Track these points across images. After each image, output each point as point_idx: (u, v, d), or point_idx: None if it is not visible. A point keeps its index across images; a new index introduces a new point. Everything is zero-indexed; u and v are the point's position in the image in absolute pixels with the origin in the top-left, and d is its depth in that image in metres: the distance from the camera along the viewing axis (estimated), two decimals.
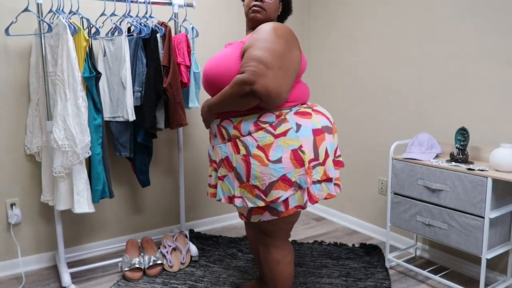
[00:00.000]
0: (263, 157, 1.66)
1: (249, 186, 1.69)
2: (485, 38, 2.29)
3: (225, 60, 1.72)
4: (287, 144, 1.67)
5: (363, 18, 2.99)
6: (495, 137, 2.29)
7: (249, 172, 1.68)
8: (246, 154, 1.69)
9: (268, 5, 1.81)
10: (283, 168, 1.66)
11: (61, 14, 2.17)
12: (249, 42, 1.68)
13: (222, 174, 1.79)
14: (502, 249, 2.16)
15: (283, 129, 1.68)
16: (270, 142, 1.67)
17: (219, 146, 1.78)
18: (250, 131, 1.70)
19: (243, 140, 1.70)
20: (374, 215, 3.06)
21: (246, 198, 1.71)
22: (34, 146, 2.43)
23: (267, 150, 1.66)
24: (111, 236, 2.84)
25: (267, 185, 1.66)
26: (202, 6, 3.00)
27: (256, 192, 1.68)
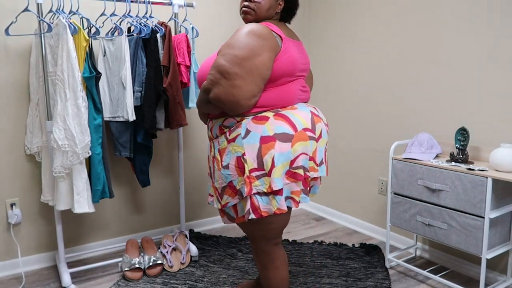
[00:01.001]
0: (219, 161, 1.70)
1: (214, 187, 1.77)
2: (486, 38, 2.29)
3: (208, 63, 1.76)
4: (235, 151, 1.64)
5: (364, 18, 2.99)
6: (495, 137, 2.29)
7: (214, 173, 1.76)
8: (213, 155, 1.75)
9: (258, 5, 1.73)
10: (230, 174, 1.66)
11: (61, 14, 2.18)
12: (221, 46, 1.66)
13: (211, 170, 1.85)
14: (502, 249, 2.16)
15: (234, 134, 1.66)
16: (224, 147, 1.68)
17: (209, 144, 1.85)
18: (217, 134, 1.74)
19: (214, 142, 1.77)
20: (374, 215, 3.06)
21: (215, 198, 1.78)
22: (34, 146, 2.43)
23: (222, 154, 1.69)
24: (111, 236, 2.84)
25: (221, 188, 1.71)
26: (202, 6, 3.00)
27: (216, 194, 1.75)
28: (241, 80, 1.57)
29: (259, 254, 1.84)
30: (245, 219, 1.67)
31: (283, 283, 1.86)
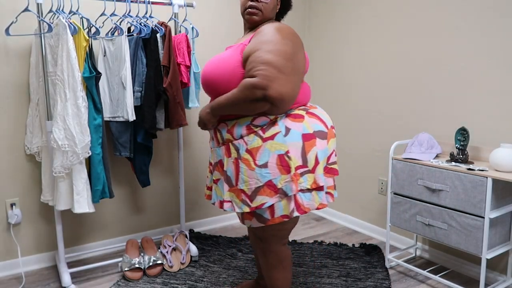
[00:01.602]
0: (250, 161, 1.62)
1: (237, 190, 1.66)
2: (486, 38, 2.29)
3: (225, 62, 1.67)
4: (274, 148, 1.61)
5: (364, 18, 2.99)
6: (495, 137, 2.29)
7: (238, 175, 1.65)
8: (236, 157, 1.66)
9: (265, 5, 1.73)
10: (269, 173, 1.61)
11: (61, 14, 2.18)
12: (253, 45, 1.62)
13: (216, 177, 1.78)
14: (502, 249, 2.16)
15: (272, 132, 1.63)
16: (258, 146, 1.62)
17: (215, 149, 1.78)
18: (242, 135, 1.66)
19: (235, 143, 1.67)
20: (374, 215, 3.06)
21: (235, 202, 1.67)
22: (34, 146, 2.43)
23: (255, 153, 1.62)
24: (111, 236, 2.84)
25: (253, 190, 1.62)
26: (202, 6, 3.00)
27: (242, 197, 1.65)
28: (294, 75, 1.59)
29: (268, 255, 1.82)
30: (290, 217, 1.64)
31: (289, 284, 1.87)
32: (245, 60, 1.63)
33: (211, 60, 1.74)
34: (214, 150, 1.79)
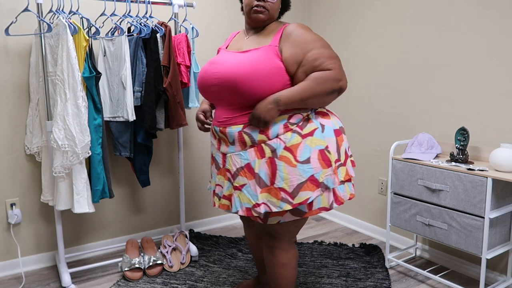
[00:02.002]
0: (290, 158, 1.63)
1: (274, 190, 1.65)
2: (486, 38, 2.29)
3: (261, 63, 1.64)
4: (315, 144, 1.66)
5: (364, 18, 2.99)
6: (495, 137, 2.29)
7: (274, 174, 1.64)
8: (271, 157, 1.65)
9: (271, 5, 1.76)
10: (312, 168, 1.64)
11: (61, 14, 2.18)
12: (299, 46, 1.65)
13: (240, 183, 1.71)
14: (502, 249, 2.16)
15: (310, 129, 1.67)
16: (297, 143, 1.65)
17: (238, 154, 1.71)
18: (278, 134, 1.66)
19: (270, 143, 1.66)
20: (374, 215, 3.06)
21: (270, 202, 1.65)
22: (34, 146, 2.43)
23: (295, 150, 1.64)
24: (111, 236, 2.84)
25: (295, 186, 1.63)
26: (202, 6, 3.00)
27: (282, 195, 1.64)
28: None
29: (278, 253, 1.80)
30: (329, 209, 1.70)
31: (295, 282, 1.89)
32: (293, 62, 1.65)
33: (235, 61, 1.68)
34: (235, 155, 1.71)
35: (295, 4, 3.43)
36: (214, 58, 1.80)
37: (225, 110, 1.74)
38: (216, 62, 1.75)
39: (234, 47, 1.84)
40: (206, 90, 1.76)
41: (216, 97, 1.74)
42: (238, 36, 1.90)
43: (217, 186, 1.84)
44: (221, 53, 1.84)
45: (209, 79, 1.72)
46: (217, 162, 1.82)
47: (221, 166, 1.79)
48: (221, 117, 1.75)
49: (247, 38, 1.82)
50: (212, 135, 1.87)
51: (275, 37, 1.72)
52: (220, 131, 1.75)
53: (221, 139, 1.77)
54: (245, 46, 1.77)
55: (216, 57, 1.81)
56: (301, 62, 1.66)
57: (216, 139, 1.82)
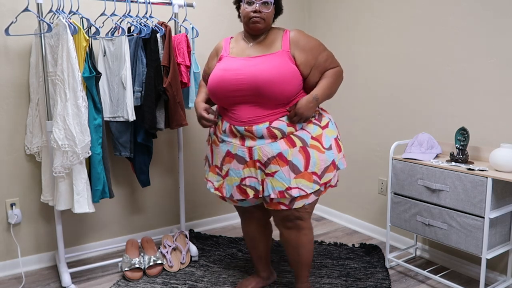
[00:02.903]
0: (319, 146, 1.92)
1: (307, 174, 1.90)
2: (485, 38, 2.29)
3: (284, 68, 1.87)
4: (331, 134, 1.99)
5: (364, 19, 2.99)
6: (495, 137, 2.29)
7: (308, 161, 1.89)
8: (302, 145, 1.90)
9: (267, 14, 1.95)
10: (333, 154, 1.96)
11: (61, 14, 2.17)
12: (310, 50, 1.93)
13: (272, 170, 1.90)
14: (502, 249, 2.16)
15: (325, 122, 2.00)
16: (320, 133, 1.95)
17: (268, 145, 1.89)
18: (303, 126, 1.93)
19: (297, 134, 1.91)
20: (374, 215, 3.06)
21: (303, 186, 1.89)
22: (34, 146, 2.43)
23: (320, 139, 1.94)
24: (111, 236, 2.84)
25: (323, 169, 1.92)
26: (202, 6, 3.00)
27: (313, 178, 1.91)
28: None
29: (307, 233, 2.06)
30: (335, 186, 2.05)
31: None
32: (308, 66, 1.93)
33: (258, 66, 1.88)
34: (265, 146, 1.89)
35: (296, 5, 3.43)
36: (225, 65, 1.96)
37: (248, 111, 1.91)
38: (233, 68, 1.92)
39: (242, 53, 1.99)
40: (227, 95, 1.92)
41: (238, 101, 1.92)
42: (237, 43, 2.05)
43: (247, 178, 1.96)
44: (229, 59, 1.99)
45: (231, 85, 1.89)
46: (241, 157, 1.95)
47: (248, 159, 1.93)
48: (244, 117, 1.91)
49: (251, 45, 2.00)
50: (227, 134, 1.98)
51: (283, 43, 1.94)
52: (245, 130, 1.91)
53: (246, 136, 1.93)
54: (254, 52, 1.96)
55: (227, 63, 1.97)
56: (313, 65, 1.94)
57: (236, 137, 1.96)
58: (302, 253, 2.08)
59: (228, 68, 1.93)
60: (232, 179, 1.99)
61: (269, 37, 1.99)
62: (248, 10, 1.94)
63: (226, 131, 1.98)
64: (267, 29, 2.00)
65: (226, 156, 1.99)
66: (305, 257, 2.09)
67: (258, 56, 1.93)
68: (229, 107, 1.97)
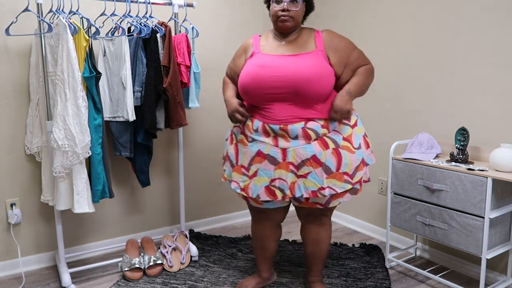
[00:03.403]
0: (349, 146, 1.94)
1: (338, 175, 1.92)
2: (486, 38, 2.29)
3: (324, 69, 1.89)
4: (360, 132, 2.00)
5: (364, 18, 2.99)
6: (495, 137, 2.29)
7: (340, 162, 1.91)
8: (335, 147, 1.91)
9: (295, 13, 1.94)
10: (362, 152, 1.98)
11: (61, 14, 2.17)
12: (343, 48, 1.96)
13: (305, 172, 1.91)
14: (502, 249, 2.16)
15: (353, 120, 2.01)
16: (350, 133, 1.96)
17: (303, 147, 1.90)
18: (335, 127, 1.94)
19: (330, 136, 1.92)
20: (374, 215, 3.06)
21: (335, 186, 1.92)
22: (34, 146, 2.43)
23: (350, 139, 1.95)
24: (111, 236, 2.84)
25: (354, 169, 1.94)
26: (202, 6, 3.00)
27: (345, 178, 1.93)
28: None
29: (328, 229, 2.16)
30: (369, 181, 2.08)
31: None
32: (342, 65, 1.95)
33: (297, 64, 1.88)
34: (300, 149, 1.90)
35: None
36: (261, 61, 1.95)
37: (284, 109, 1.90)
38: (270, 65, 1.91)
39: (275, 51, 1.97)
40: (263, 92, 1.90)
41: (274, 98, 1.91)
42: (267, 41, 2.04)
43: (277, 180, 1.94)
44: (263, 56, 1.97)
45: (268, 82, 1.88)
46: (274, 158, 1.93)
47: (281, 160, 1.92)
48: (280, 116, 1.91)
49: (283, 43, 1.99)
50: (259, 133, 1.96)
51: (318, 43, 1.95)
52: (281, 129, 1.90)
53: (279, 136, 1.93)
54: (288, 51, 1.95)
55: (261, 60, 1.95)
56: (346, 63, 1.96)
57: (269, 136, 1.94)
58: (320, 247, 2.16)
59: (264, 65, 1.92)
60: (261, 180, 1.96)
61: (302, 36, 1.99)
62: (277, 9, 1.93)
63: (258, 130, 1.96)
64: (297, 28, 2.00)
65: (257, 156, 1.96)
66: (323, 252, 2.18)
67: (295, 55, 1.92)
68: (262, 105, 1.95)
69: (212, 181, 3.22)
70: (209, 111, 3.13)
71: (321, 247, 2.17)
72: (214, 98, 3.13)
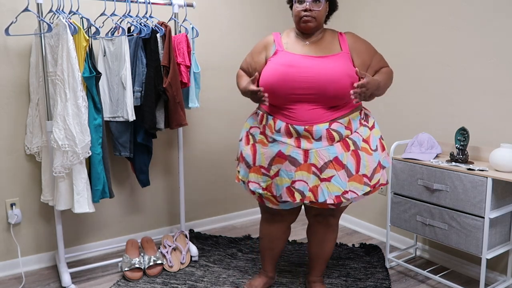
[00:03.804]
0: (368, 148, 1.93)
1: (358, 177, 1.91)
2: (486, 38, 2.29)
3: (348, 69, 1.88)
4: (377, 134, 2.00)
5: (364, 18, 2.99)
6: (495, 137, 2.29)
7: (359, 164, 1.90)
8: (354, 149, 1.90)
9: (318, 13, 1.93)
10: (378, 154, 1.97)
11: (61, 14, 2.17)
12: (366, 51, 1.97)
13: (328, 175, 1.88)
14: (502, 249, 2.16)
15: (371, 122, 2.02)
16: (369, 135, 1.96)
17: (325, 149, 1.88)
18: (356, 128, 1.94)
19: (352, 137, 1.92)
20: (374, 215, 3.06)
21: (355, 188, 1.90)
22: (34, 146, 2.42)
23: (368, 141, 1.95)
24: (111, 236, 2.84)
25: (372, 171, 1.93)
26: (202, 6, 3.00)
27: (364, 180, 1.92)
28: None
29: (336, 230, 2.18)
30: (387, 183, 2.06)
31: None
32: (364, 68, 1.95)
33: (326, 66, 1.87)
34: (323, 150, 1.88)
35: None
36: (287, 61, 1.91)
37: (309, 110, 1.88)
38: (298, 65, 1.88)
39: (300, 51, 1.95)
40: (289, 92, 1.88)
41: (300, 100, 1.89)
42: (289, 39, 2.02)
43: (297, 181, 1.91)
44: (288, 55, 1.94)
45: (297, 82, 1.86)
46: (295, 159, 1.90)
47: (302, 162, 1.90)
48: (305, 116, 1.88)
49: (307, 43, 1.97)
50: (281, 134, 1.92)
51: (343, 45, 1.96)
52: (305, 130, 1.88)
53: (302, 136, 1.90)
54: (314, 51, 1.93)
55: (288, 59, 1.92)
56: (369, 65, 1.96)
57: (292, 137, 1.91)
58: (325, 247, 2.17)
59: (291, 65, 1.89)
60: (282, 180, 1.92)
61: (325, 37, 1.99)
62: (299, 9, 1.92)
63: (280, 131, 1.92)
64: (319, 28, 1.99)
65: (277, 157, 1.92)
66: (327, 252, 2.19)
67: (324, 57, 1.91)
68: (286, 105, 1.91)
69: (212, 181, 3.22)
70: (209, 111, 3.13)
71: (326, 248, 2.18)
72: (214, 98, 3.13)
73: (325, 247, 2.18)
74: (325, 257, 2.21)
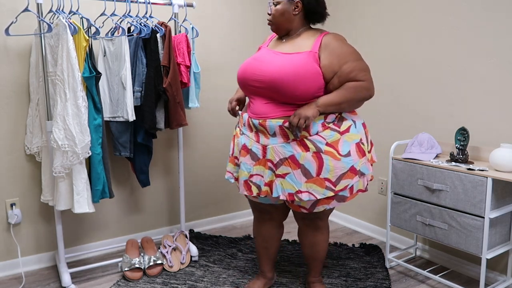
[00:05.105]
0: (334, 153, 1.88)
1: (319, 180, 1.88)
2: (486, 38, 2.29)
3: (302, 69, 1.83)
4: (351, 139, 1.92)
5: (364, 18, 2.99)
6: (495, 137, 2.29)
7: (321, 167, 1.87)
8: (316, 151, 1.87)
9: (273, 16, 1.97)
10: (352, 160, 1.90)
11: (61, 14, 2.17)
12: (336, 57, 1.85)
13: (283, 172, 1.90)
14: (502, 249, 2.16)
15: (346, 126, 1.92)
16: (337, 139, 1.89)
17: (281, 146, 1.89)
18: (318, 131, 1.88)
19: (312, 139, 1.87)
20: (374, 215, 3.06)
21: (314, 191, 1.88)
22: (34, 146, 2.43)
23: (336, 146, 1.88)
24: (111, 236, 2.84)
25: (338, 176, 1.89)
26: (202, 6, 3.00)
27: (326, 184, 1.88)
28: None
29: (324, 232, 2.15)
30: (366, 190, 2.02)
31: None
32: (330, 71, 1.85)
33: (280, 63, 1.87)
34: (278, 147, 1.89)
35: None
36: (257, 55, 2.00)
37: (264, 104, 1.92)
38: (259, 59, 1.95)
39: (275, 47, 2.01)
40: (246, 84, 1.96)
41: (256, 92, 1.94)
42: (276, 37, 2.09)
43: (255, 175, 1.97)
44: (263, 50, 2.03)
45: (252, 75, 1.92)
46: (255, 153, 1.96)
47: (261, 157, 1.94)
48: (259, 110, 1.92)
49: (284, 41, 2.01)
50: (246, 127, 2.00)
51: (315, 44, 1.90)
52: (259, 124, 1.91)
53: (260, 131, 1.93)
54: (284, 48, 1.95)
55: (259, 53, 2.02)
56: (337, 72, 1.86)
57: (252, 131, 1.97)
58: (317, 250, 2.16)
59: (257, 58, 1.97)
60: (242, 173, 2.01)
61: (302, 36, 1.97)
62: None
63: (245, 124, 2.01)
64: (284, 29, 1.98)
65: (242, 150, 2.01)
66: (320, 253, 2.18)
67: (287, 54, 1.91)
68: (250, 98, 2.01)
69: (212, 181, 3.22)
70: (209, 111, 3.13)
71: (318, 249, 2.17)
72: (214, 98, 3.13)
73: (317, 249, 2.16)
74: (319, 258, 2.20)
